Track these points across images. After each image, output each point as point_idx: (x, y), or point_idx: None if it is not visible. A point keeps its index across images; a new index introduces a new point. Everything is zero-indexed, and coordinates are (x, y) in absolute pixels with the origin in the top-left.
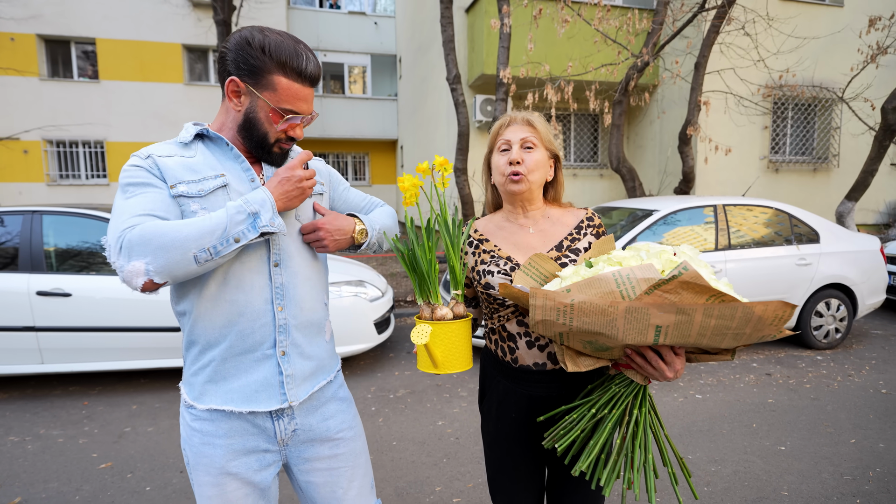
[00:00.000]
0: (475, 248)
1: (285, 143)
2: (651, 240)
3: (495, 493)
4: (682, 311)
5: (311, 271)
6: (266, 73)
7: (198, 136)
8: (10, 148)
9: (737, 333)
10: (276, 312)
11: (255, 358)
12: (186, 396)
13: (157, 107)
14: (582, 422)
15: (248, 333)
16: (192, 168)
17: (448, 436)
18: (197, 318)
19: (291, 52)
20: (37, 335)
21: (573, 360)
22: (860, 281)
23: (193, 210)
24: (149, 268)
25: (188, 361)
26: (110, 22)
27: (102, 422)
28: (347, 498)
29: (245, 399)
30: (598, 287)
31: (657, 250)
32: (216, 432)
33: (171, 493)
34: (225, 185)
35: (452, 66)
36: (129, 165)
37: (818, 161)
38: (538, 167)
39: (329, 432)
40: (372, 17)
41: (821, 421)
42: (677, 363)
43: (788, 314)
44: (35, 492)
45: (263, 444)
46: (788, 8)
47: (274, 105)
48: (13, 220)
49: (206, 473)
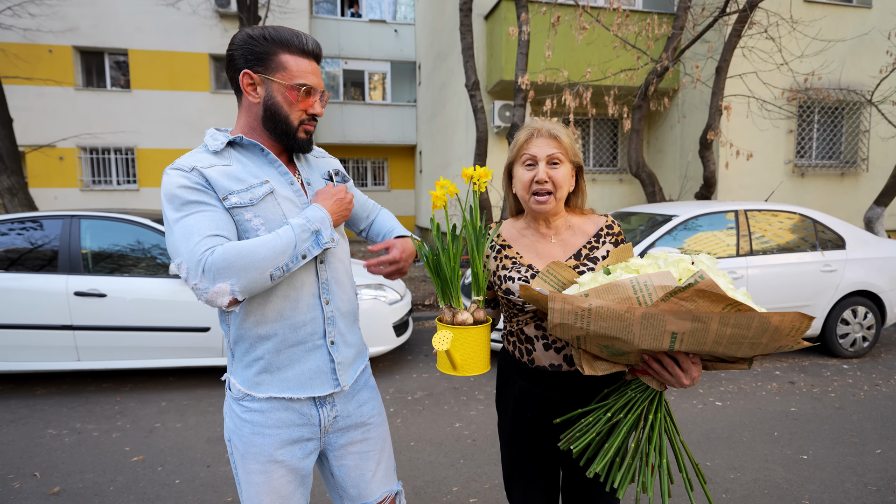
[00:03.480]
0: (497, 253)
1: (308, 123)
2: (671, 245)
3: (510, 490)
4: (698, 318)
5: (347, 265)
6: (273, 56)
7: (229, 143)
8: (48, 155)
9: (753, 343)
10: (324, 306)
11: (307, 348)
12: (240, 387)
13: (186, 115)
14: (598, 425)
15: (299, 326)
16: (235, 177)
17: (465, 437)
18: (248, 314)
19: (290, 33)
20: (74, 334)
21: (590, 364)
22: (889, 288)
23: (248, 218)
24: (234, 288)
25: (238, 355)
26: (142, 34)
27: (134, 417)
28: (375, 480)
29: (301, 386)
30: (615, 293)
31: (675, 259)
32: (266, 423)
33: (199, 486)
34: (271, 191)
35: (471, 72)
36: (178, 181)
37: (846, 165)
38: (564, 183)
39: (363, 417)
40: (392, 24)
41: (845, 430)
42: (694, 370)
43: (806, 325)
44: (73, 482)
45: (308, 433)
46: (813, 10)
47: (288, 83)
48: (53, 224)
49: (255, 462)
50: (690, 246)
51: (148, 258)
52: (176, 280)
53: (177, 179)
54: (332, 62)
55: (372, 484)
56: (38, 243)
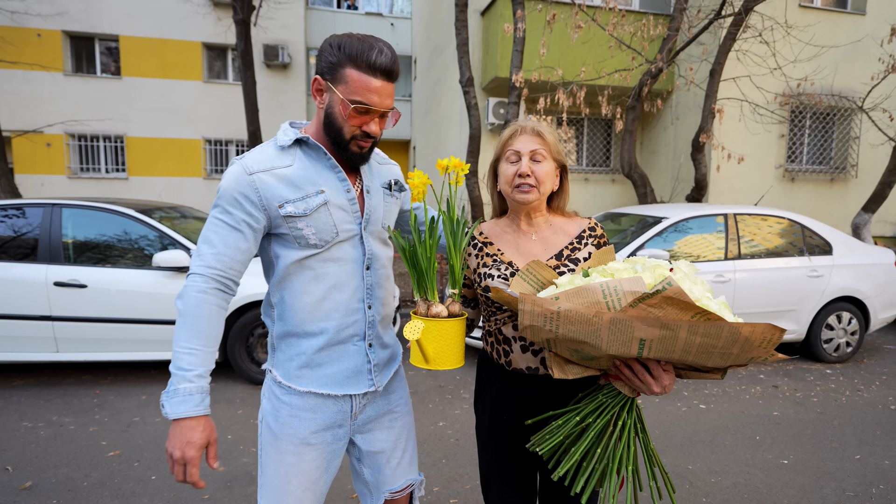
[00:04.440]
0: (479, 251)
1: (362, 139)
2: (661, 247)
3: (487, 492)
4: (667, 326)
5: (389, 271)
6: (339, 68)
7: (296, 141)
8: (34, 141)
9: (723, 353)
10: (366, 310)
11: (348, 349)
12: (280, 378)
13: (177, 103)
14: (566, 427)
15: (343, 328)
16: (293, 182)
17: (448, 437)
18: (296, 312)
19: (362, 46)
20: (53, 324)
21: (561, 368)
22: (873, 294)
23: (300, 227)
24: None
25: (281, 349)
26: (133, 20)
27: (113, 411)
28: (400, 467)
29: (339, 384)
30: (585, 297)
31: (652, 264)
32: (304, 406)
33: (176, 482)
34: (325, 202)
35: (466, 69)
36: (233, 185)
37: (836, 171)
38: (546, 178)
39: (391, 405)
40: (388, 18)
41: (826, 435)
42: (665, 378)
43: (777, 337)
44: (45, 476)
45: (340, 419)
46: (808, 15)
47: (344, 97)
48: (34, 213)
49: (289, 443)
50: (680, 248)
51: (132, 249)
52: (160, 272)
53: (233, 181)
54: None
55: (397, 471)
56: (17, 231)
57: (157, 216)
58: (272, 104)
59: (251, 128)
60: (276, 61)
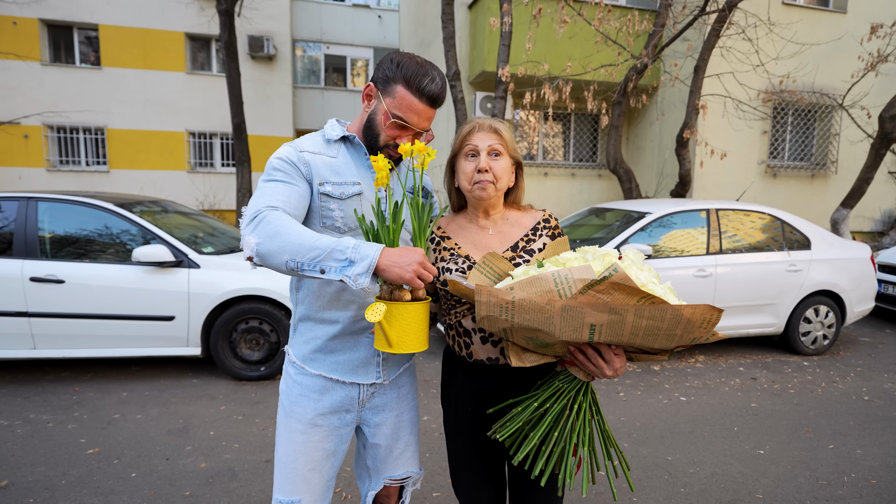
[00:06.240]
0: (437, 245)
1: (393, 150)
2: (645, 241)
3: (457, 484)
4: (615, 310)
5: None
6: (393, 83)
7: (342, 137)
8: (10, 133)
9: (668, 334)
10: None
11: (360, 340)
12: (295, 358)
13: (159, 95)
14: (526, 413)
15: (358, 320)
16: (335, 169)
17: (432, 431)
18: (318, 297)
19: (418, 71)
20: (29, 321)
21: (518, 356)
22: (849, 288)
23: (332, 209)
24: (255, 248)
25: (300, 331)
26: (113, 8)
27: (92, 408)
28: (403, 457)
29: (349, 371)
30: (538, 286)
31: (602, 252)
32: (313, 387)
33: (156, 479)
34: (360, 192)
35: (452, 62)
36: (283, 155)
37: (816, 167)
38: (504, 174)
39: (399, 399)
40: (376, 10)
41: (802, 426)
42: (616, 362)
43: (716, 318)
44: (22, 475)
45: (347, 405)
46: (791, 13)
47: (388, 109)
48: (9, 206)
49: (298, 422)
50: (665, 243)
51: (111, 244)
52: (141, 267)
53: (283, 151)
54: (313, 46)
55: (399, 461)
56: None
57: (138, 210)
58: (257, 97)
59: (236, 120)
60: (261, 53)
